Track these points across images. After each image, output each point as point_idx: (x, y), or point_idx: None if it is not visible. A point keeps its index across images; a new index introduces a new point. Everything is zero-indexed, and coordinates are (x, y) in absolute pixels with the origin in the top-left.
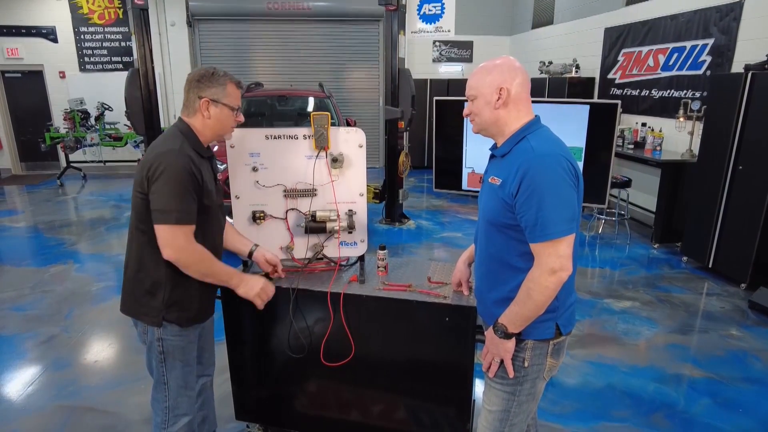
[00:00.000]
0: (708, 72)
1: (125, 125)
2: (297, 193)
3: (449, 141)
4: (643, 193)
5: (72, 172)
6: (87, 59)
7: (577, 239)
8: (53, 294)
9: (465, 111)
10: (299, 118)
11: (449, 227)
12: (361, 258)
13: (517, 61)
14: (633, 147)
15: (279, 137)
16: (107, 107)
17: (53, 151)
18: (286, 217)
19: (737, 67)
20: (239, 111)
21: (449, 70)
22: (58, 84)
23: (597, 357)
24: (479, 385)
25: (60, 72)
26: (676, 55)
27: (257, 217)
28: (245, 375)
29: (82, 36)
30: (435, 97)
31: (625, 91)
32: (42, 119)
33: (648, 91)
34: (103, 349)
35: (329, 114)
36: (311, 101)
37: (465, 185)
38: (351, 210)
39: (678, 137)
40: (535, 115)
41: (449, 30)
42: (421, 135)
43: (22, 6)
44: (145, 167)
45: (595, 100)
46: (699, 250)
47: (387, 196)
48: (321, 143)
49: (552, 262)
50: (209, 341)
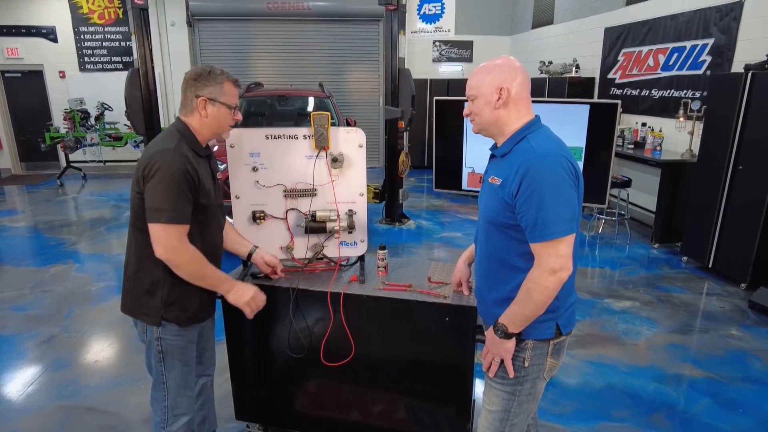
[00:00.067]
0: (708, 72)
1: (125, 125)
2: (297, 193)
3: (449, 141)
4: (643, 193)
5: (72, 172)
6: (87, 59)
7: (578, 239)
8: (53, 294)
9: (465, 111)
10: (299, 118)
11: (449, 227)
12: (361, 258)
13: (518, 61)
14: (633, 147)
15: (279, 137)
16: (107, 107)
17: (53, 151)
18: (286, 217)
19: (737, 67)
20: (237, 109)
21: (449, 70)
22: (58, 84)
23: (597, 357)
24: (479, 385)
25: (60, 72)
26: (676, 55)
27: (257, 217)
28: (245, 375)
29: (82, 36)
30: (435, 97)
31: (625, 91)
32: (42, 119)
33: (648, 91)
34: (103, 349)
35: (329, 114)
36: (311, 101)
37: (465, 185)
38: (351, 210)
39: (678, 137)
40: (536, 115)
41: (449, 30)
42: (421, 135)
43: (21, 6)
44: (141, 166)
45: (595, 99)
46: (699, 250)
47: (387, 196)
48: (321, 143)
49: (552, 262)
50: (210, 341)
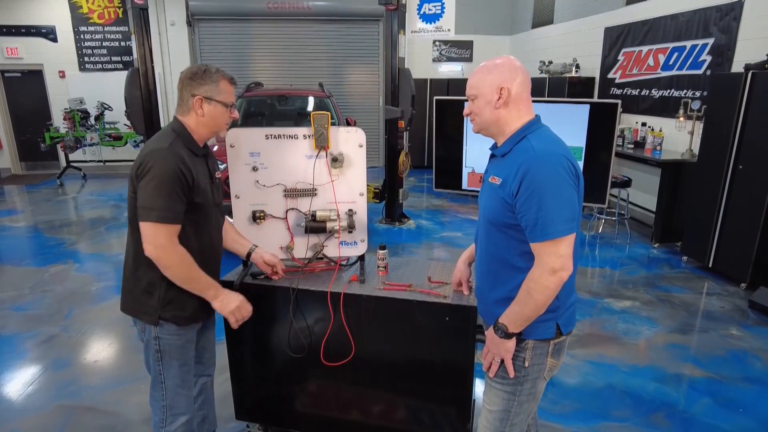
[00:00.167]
0: (708, 71)
1: (125, 125)
2: (297, 193)
3: (449, 141)
4: (643, 193)
5: (72, 171)
6: (87, 59)
7: (578, 239)
8: (53, 294)
9: (465, 110)
10: (299, 117)
11: (449, 227)
12: (361, 258)
13: (518, 61)
14: (633, 147)
15: (279, 137)
16: (107, 107)
17: (53, 151)
18: (286, 217)
19: (737, 67)
20: (233, 107)
21: (449, 69)
22: (57, 83)
23: (597, 357)
24: (479, 385)
25: (60, 71)
26: (676, 55)
27: (257, 217)
28: (245, 375)
29: (81, 35)
30: (435, 97)
31: (625, 91)
32: (42, 119)
33: (648, 91)
34: (103, 349)
35: (329, 113)
36: (311, 101)
37: (465, 185)
38: (351, 210)
39: (678, 137)
40: (536, 115)
41: (449, 30)
42: (421, 134)
43: (21, 5)
44: (136, 165)
45: (595, 99)
46: (699, 249)
47: (387, 195)
48: (321, 143)
49: (552, 261)
50: (210, 341)
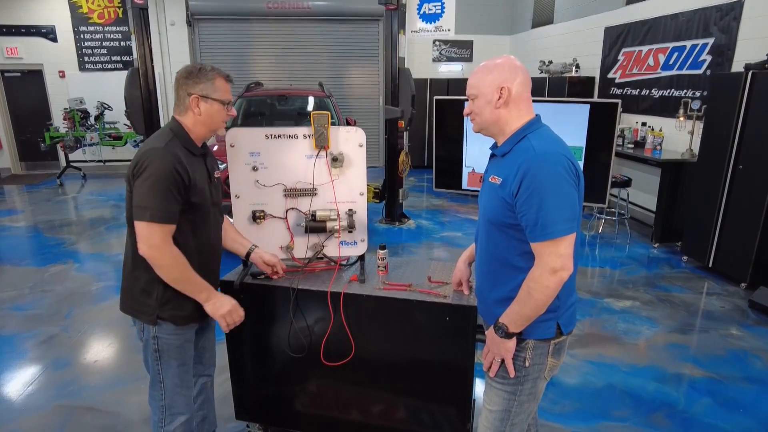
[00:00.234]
0: (708, 71)
1: (125, 125)
2: (297, 193)
3: (449, 140)
4: (643, 193)
5: (72, 171)
6: (87, 59)
7: (578, 239)
8: (53, 293)
9: (466, 110)
10: (299, 117)
11: (449, 227)
12: (361, 257)
13: (518, 60)
14: (633, 146)
15: (279, 136)
16: (107, 107)
17: (53, 151)
18: (286, 217)
19: (737, 67)
20: (230, 105)
21: (449, 69)
22: (57, 83)
23: (597, 356)
24: (480, 385)
25: (60, 71)
26: (676, 55)
27: (257, 217)
28: (245, 375)
29: (81, 35)
30: (435, 97)
31: (625, 91)
32: (42, 119)
33: (648, 91)
34: (103, 349)
35: (329, 113)
36: (311, 100)
37: (465, 185)
38: (351, 209)
39: (678, 137)
40: (536, 114)
41: (449, 29)
42: (421, 134)
43: (21, 5)
44: (132, 165)
45: (596, 99)
46: (699, 249)
47: (387, 195)
48: (321, 142)
49: (553, 261)
50: (210, 341)
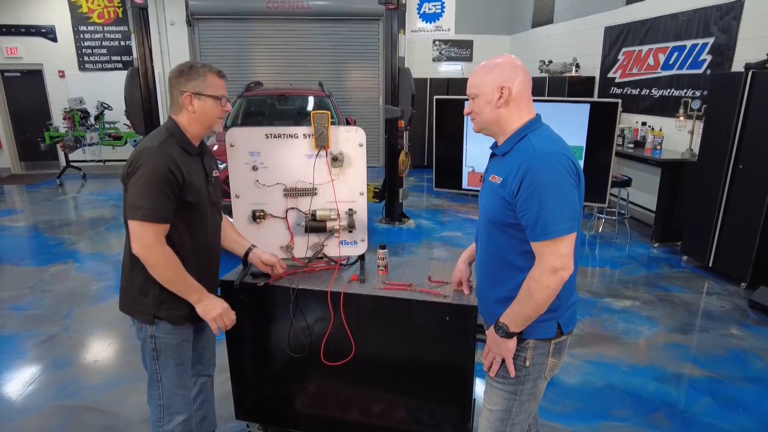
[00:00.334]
0: (708, 71)
1: (125, 124)
2: (297, 192)
3: (449, 140)
4: (643, 193)
5: (71, 171)
6: (86, 58)
7: (578, 238)
8: (53, 293)
9: (466, 109)
10: (299, 117)
11: (449, 226)
12: (362, 257)
13: (519, 60)
14: (633, 146)
15: (279, 136)
16: (107, 106)
17: (53, 151)
18: (286, 217)
19: (737, 66)
20: (224, 100)
21: (449, 69)
22: (57, 83)
23: (597, 356)
24: (480, 385)
25: (59, 71)
26: (676, 54)
27: (257, 217)
28: (245, 375)
29: (81, 35)
30: (435, 96)
31: (626, 90)
32: (41, 118)
33: (648, 90)
34: (103, 349)
35: (329, 113)
36: (311, 100)
37: (465, 184)
38: (351, 209)
39: (678, 136)
40: (536, 114)
41: (449, 29)
42: (421, 134)
43: (21, 5)
44: (127, 164)
45: (596, 99)
46: (699, 249)
47: (387, 195)
48: (321, 142)
49: (553, 261)
50: (210, 341)
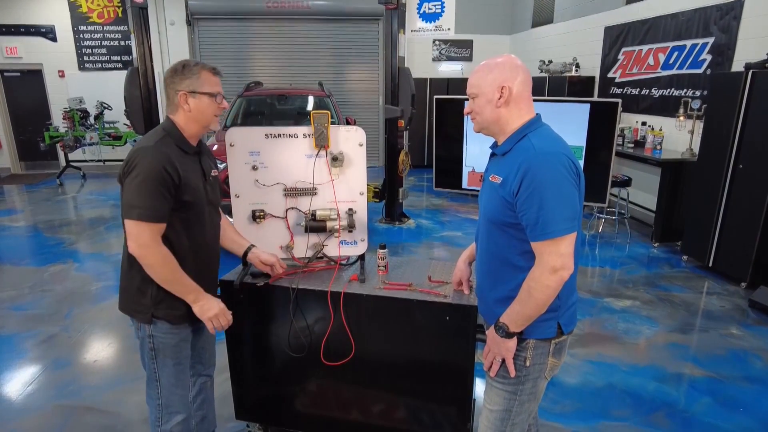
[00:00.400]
0: (708, 71)
1: (125, 124)
2: (297, 192)
3: (449, 140)
4: (644, 192)
5: (71, 171)
6: (86, 58)
7: (579, 238)
8: (53, 293)
9: (466, 109)
10: (299, 116)
11: (449, 226)
12: (362, 257)
13: (519, 59)
14: (633, 146)
15: (279, 136)
16: (106, 106)
17: (52, 151)
18: (286, 216)
19: (737, 66)
20: (220, 97)
21: (449, 69)
22: (57, 83)
23: (597, 356)
24: (480, 385)
25: (59, 71)
26: (676, 54)
27: (257, 216)
28: (245, 375)
29: (81, 35)
30: (435, 96)
31: (626, 90)
32: (41, 118)
33: (648, 90)
34: (103, 349)
35: (329, 112)
36: (311, 100)
37: (465, 184)
38: (351, 209)
39: (678, 136)
40: (536, 114)
41: (449, 29)
42: (421, 134)
43: (20, 5)
44: (123, 164)
45: (596, 98)
46: (699, 249)
47: (387, 195)
48: (321, 142)
49: (553, 260)
50: (210, 341)
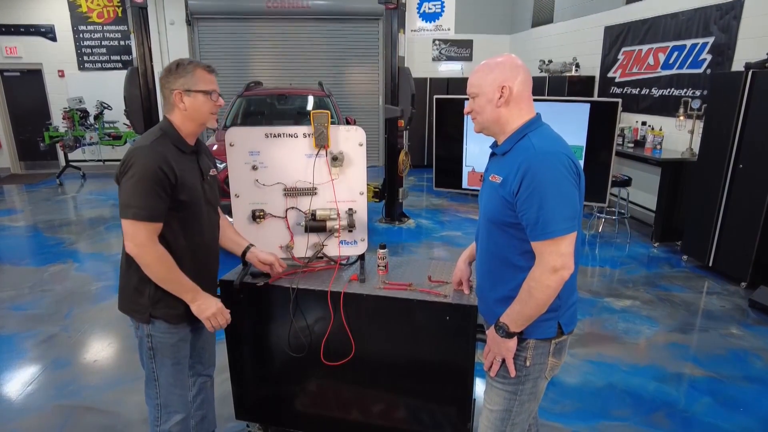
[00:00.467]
0: (708, 70)
1: (124, 124)
2: (297, 192)
3: (449, 139)
4: (644, 192)
5: (71, 171)
6: (86, 58)
7: (579, 238)
8: (53, 293)
9: (466, 109)
10: (299, 116)
11: (449, 226)
12: (362, 257)
13: (519, 59)
14: (633, 146)
15: (279, 136)
16: (106, 106)
17: (52, 150)
18: (286, 216)
19: (737, 66)
20: (216, 94)
21: (449, 68)
22: (57, 83)
23: (597, 356)
24: (480, 385)
25: (59, 71)
26: (676, 54)
27: (257, 216)
28: (245, 375)
29: (80, 34)
30: (435, 96)
31: (625, 90)
32: (41, 118)
33: (648, 90)
34: (103, 349)
35: (329, 112)
36: (311, 100)
37: (465, 184)
38: (351, 209)
39: (678, 136)
40: (537, 113)
41: (449, 28)
42: (421, 134)
43: (20, 4)
44: (120, 164)
45: (596, 98)
46: (699, 248)
47: (387, 194)
48: (321, 142)
49: (553, 260)
50: (209, 341)
